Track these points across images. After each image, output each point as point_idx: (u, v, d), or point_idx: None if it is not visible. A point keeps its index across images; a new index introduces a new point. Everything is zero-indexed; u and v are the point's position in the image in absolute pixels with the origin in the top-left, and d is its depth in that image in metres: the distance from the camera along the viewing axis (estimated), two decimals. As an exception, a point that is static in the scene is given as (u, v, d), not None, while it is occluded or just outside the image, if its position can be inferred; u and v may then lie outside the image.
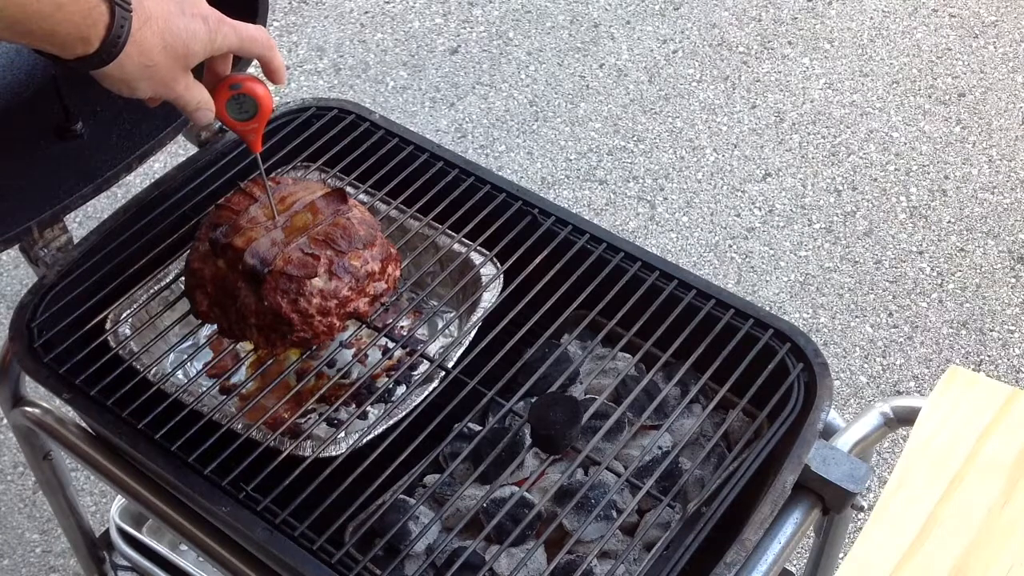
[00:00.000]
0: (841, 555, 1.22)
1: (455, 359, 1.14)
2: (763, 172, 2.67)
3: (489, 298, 1.21)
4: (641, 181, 2.65)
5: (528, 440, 1.08)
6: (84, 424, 1.21)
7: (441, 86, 2.88)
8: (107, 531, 1.55)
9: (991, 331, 2.35)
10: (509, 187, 1.27)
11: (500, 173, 1.74)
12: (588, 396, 1.18)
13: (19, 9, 0.84)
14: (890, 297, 2.41)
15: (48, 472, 1.38)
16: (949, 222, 2.56)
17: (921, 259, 2.49)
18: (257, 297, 1.08)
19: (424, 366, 1.15)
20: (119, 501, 1.55)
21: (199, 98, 1.00)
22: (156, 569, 1.53)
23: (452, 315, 1.27)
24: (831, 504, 1.08)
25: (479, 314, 1.19)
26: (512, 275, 1.20)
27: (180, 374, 1.21)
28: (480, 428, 1.11)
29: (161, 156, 2.28)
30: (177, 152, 2.47)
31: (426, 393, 1.13)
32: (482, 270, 1.24)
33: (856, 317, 2.38)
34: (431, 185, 1.27)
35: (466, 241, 1.25)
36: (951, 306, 2.39)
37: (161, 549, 1.54)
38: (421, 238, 1.27)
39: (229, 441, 1.06)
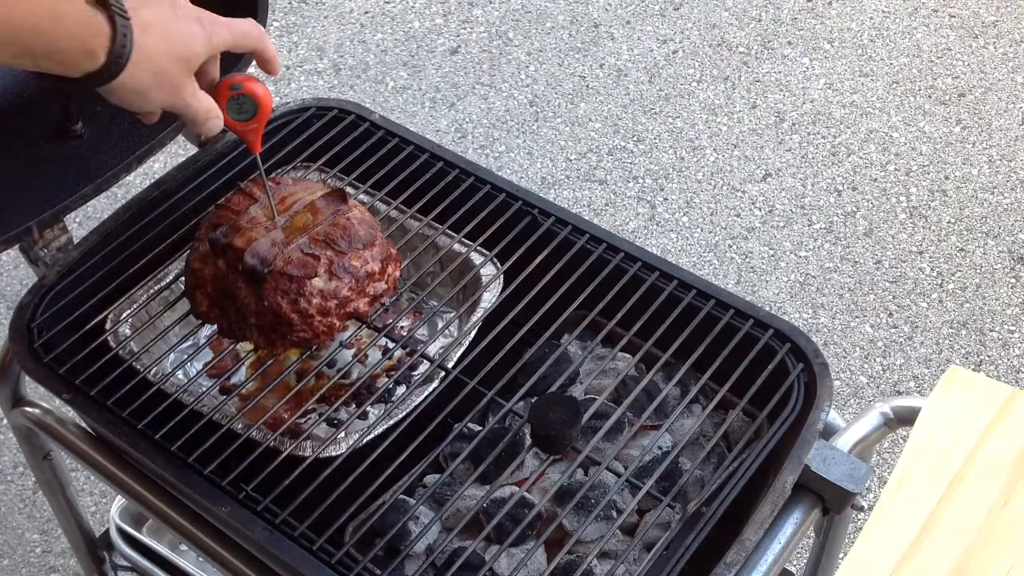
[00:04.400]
0: (841, 555, 1.22)
1: (455, 359, 1.14)
2: (763, 172, 2.67)
3: (489, 298, 1.21)
4: (641, 181, 2.65)
5: (528, 440, 1.08)
6: (84, 424, 1.21)
7: (441, 86, 2.88)
8: (107, 531, 1.55)
9: (991, 331, 2.35)
10: (509, 187, 1.27)
11: (500, 173, 1.74)
12: (588, 396, 1.18)
13: (16, 25, 0.83)
14: (890, 297, 2.41)
15: (48, 472, 1.38)
16: (949, 222, 2.56)
17: (921, 259, 2.49)
18: (257, 297, 1.08)
19: (424, 366, 1.15)
20: (119, 501, 1.55)
21: (207, 106, 1.00)
22: (156, 569, 1.53)
23: (452, 315, 1.27)
24: (831, 504, 1.08)
25: (479, 314, 1.19)
26: (512, 275, 1.20)
27: (180, 374, 1.21)
28: (480, 428, 1.11)
29: (161, 156, 2.29)
30: (177, 152, 2.47)
31: (426, 393, 1.13)
32: (482, 270, 1.24)
33: (856, 317, 2.38)
34: (431, 185, 1.27)
35: (466, 241, 1.25)
36: (951, 306, 2.39)
37: (161, 549, 1.54)
38: (421, 238, 1.27)
39: (229, 441, 1.06)
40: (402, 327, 1.29)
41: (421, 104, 2.84)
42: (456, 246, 1.25)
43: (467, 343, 1.16)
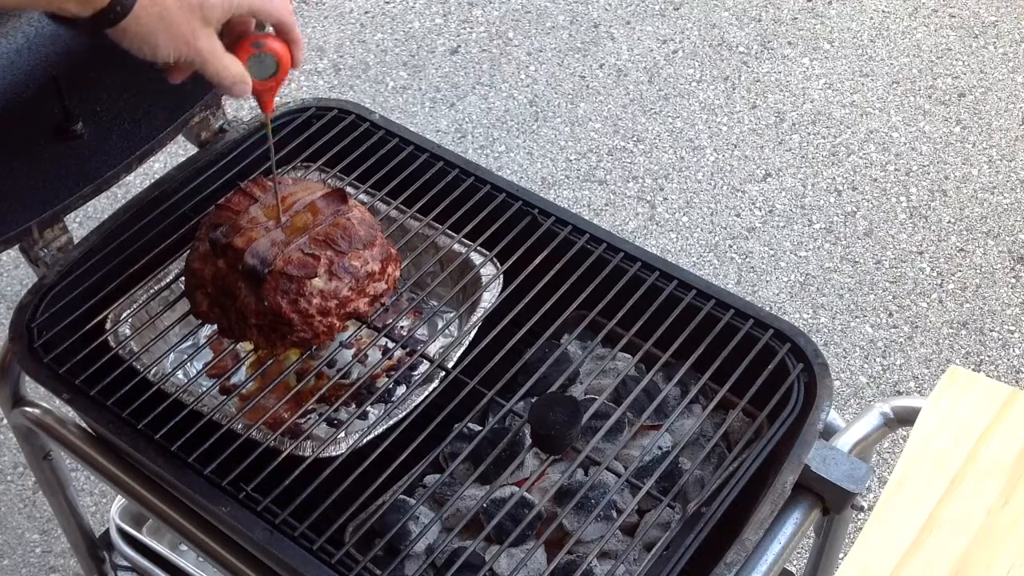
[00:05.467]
0: (841, 555, 1.22)
1: (455, 359, 1.14)
2: (763, 172, 2.67)
3: (489, 298, 1.21)
4: (641, 181, 2.65)
5: (528, 440, 1.08)
6: (84, 424, 1.21)
7: (441, 86, 2.88)
8: (107, 531, 1.55)
9: (991, 331, 2.35)
10: (509, 187, 1.28)
11: (500, 173, 1.74)
12: (588, 396, 1.18)
13: None
14: (890, 297, 2.41)
15: (48, 472, 1.38)
16: (949, 222, 2.56)
17: (921, 259, 2.49)
18: (257, 297, 1.08)
19: (424, 366, 1.15)
20: (119, 501, 1.55)
21: (233, 71, 0.98)
22: (156, 569, 1.53)
23: (452, 315, 1.27)
24: (831, 504, 1.08)
25: (479, 314, 1.19)
26: (512, 275, 1.20)
27: (180, 374, 1.21)
28: (480, 428, 1.11)
29: (161, 156, 2.28)
30: (177, 152, 2.47)
31: (426, 393, 1.13)
32: (482, 270, 1.24)
33: (856, 317, 2.38)
34: (431, 185, 1.27)
35: (466, 241, 1.25)
36: (951, 306, 2.39)
37: (161, 549, 1.54)
38: (421, 238, 1.27)
39: (229, 441, 1.06)
40: (402, 327, 1.29)
41: (421, 104, 2.84)
42: (456, 246, 1.25)
43: (467, 343, 1.16)
